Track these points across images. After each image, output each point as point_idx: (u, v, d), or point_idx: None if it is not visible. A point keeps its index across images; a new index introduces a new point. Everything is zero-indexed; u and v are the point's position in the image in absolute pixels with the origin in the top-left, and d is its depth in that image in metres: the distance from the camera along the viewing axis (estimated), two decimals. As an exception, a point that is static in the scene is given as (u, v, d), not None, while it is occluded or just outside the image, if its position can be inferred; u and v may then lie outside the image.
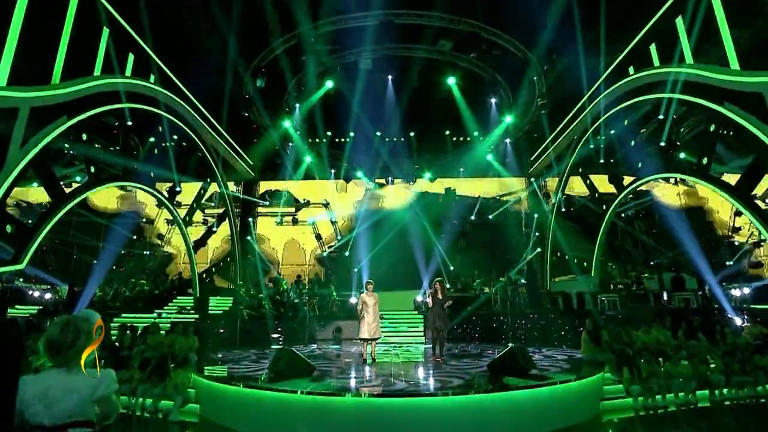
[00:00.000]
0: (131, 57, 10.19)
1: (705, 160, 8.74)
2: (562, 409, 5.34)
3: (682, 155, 11.90)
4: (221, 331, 11.28)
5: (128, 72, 10.09)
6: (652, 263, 14.17)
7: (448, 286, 14.01)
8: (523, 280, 14.31)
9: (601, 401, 6.00)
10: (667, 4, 9.28)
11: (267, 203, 18.11)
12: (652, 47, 10.02)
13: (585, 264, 13.93)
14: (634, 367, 6.28)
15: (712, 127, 8.72)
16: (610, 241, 14.85)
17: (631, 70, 10.83)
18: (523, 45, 14.94)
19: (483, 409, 4.95)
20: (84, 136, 8.91)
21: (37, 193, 15.48)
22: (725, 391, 6.22)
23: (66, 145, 10.54)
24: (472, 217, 17.42)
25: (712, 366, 6.72)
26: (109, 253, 14.06)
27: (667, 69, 9.27)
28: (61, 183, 9.02)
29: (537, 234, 16.49)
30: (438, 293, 7.90)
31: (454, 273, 15.44)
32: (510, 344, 7.20)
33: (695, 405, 6.02)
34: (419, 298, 13.01)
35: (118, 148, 12.03)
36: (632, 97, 10.70)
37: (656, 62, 9.95)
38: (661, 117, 10.39)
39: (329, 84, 16.19)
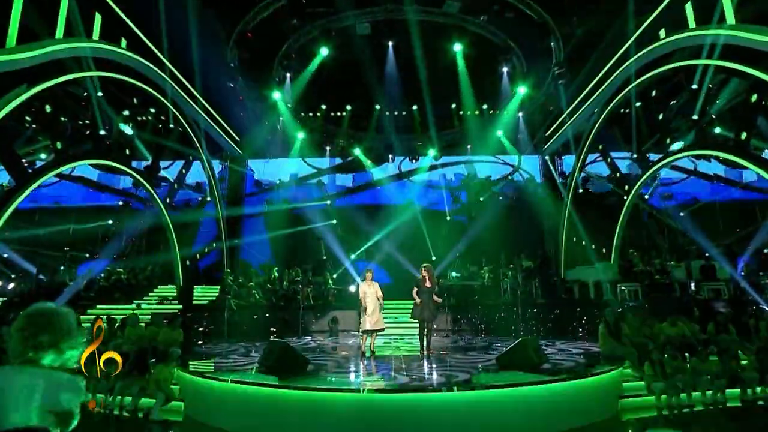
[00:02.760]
0: (98, 18, 9.80)
1: (744, 135, 8.50)
2: (578, 407, 5.30)
3: (717, 129, 11.58)
4: (207, 323, 11.27)
5: (96, 35, 9.71)
6: (678, 250, 14.03)
7: (454, 274, 13.98)
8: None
9: (620, 399, 5.97)
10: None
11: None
12: (688, 6, 9.61)
13: (603, 250, 13.81)
14: (657, 362, 6.22)
15: (754, 98, 8.45)
16: (632, 225, 14.62)
17: (662, 33, 10.43)
18: (539, 6, 14.38)
19: (491, 405, 4.90)
20: (48, 108, 8.65)
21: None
22: (758, 389, 6.16)
23: (27, 118, 10.28)
24: (481, 199, 17.28)
25: (744, 362, 6.66)
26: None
27: (703, 31, 8.91)
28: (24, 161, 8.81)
29: (551, 217, 16.32)
30: (426, 281, 7.68)
31: (461, 260, 15.34)
32: (520, 336, 7.17)
33: (724, 404, 5.98)
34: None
35: (87, 122, 11.72)
36: (663, 64, 10.34)
37: (692, 23, 9.57)
38: (694, 86, 10.06)
39: (323, 51, 15.69)
